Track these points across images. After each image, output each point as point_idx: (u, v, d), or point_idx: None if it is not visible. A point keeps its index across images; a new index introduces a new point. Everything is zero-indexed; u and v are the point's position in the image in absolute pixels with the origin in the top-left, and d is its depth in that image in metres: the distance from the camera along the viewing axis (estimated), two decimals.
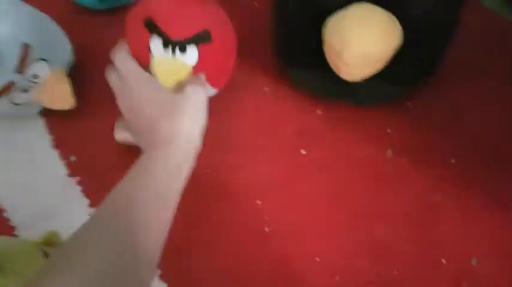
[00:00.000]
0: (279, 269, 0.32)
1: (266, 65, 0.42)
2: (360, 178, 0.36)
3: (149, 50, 0.30)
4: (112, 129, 0.37)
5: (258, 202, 0.35)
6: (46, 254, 0.27)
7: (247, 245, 0.33)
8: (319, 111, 0.40)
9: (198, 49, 0.30)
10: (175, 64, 0.30)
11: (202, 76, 0.32)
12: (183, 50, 0.30)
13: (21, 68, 0.33)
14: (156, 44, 0.30)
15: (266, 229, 0.34)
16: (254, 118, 0.40)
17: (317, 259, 0.32)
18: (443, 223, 0.34)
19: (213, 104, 0.32)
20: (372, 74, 0.31)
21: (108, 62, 0.32)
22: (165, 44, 0.30)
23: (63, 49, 0.38)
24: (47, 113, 0.40)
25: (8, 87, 0.33)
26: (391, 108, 0.39)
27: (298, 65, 0.36)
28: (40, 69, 0.34)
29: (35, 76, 0.34)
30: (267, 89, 0.42)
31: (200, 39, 0.30)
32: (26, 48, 0.34)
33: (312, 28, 0.32)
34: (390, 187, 0.36)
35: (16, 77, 0.34)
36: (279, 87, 0.42)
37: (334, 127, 0.39)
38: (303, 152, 0.38)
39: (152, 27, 0.30)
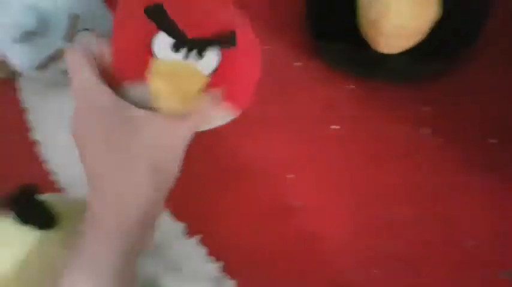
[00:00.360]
0: (305, 245, 0.33)
1: (297, 41, 0.42)
2: (390, 156, 0.36)
3: (148, 50, 0.21)
4: None
5: (288, 175, 0.36)
6: None
7: (274, 220, 0.34)
8: (351, 86, 0.40)
9: (220, 54, 0.23)
10: (186, 71, 0.22)
11: (219, 93, 0.23)
12: (201, 53, 0.22)
13: (69, 37, 0.35)
14: (162, 41, 0.21)
15: (296, 204, 0.35)
16: (283, 92, 0.41)
17: (342, 237, 0.33)
18: (471, 204, 0.33)
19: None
20: (408, 47, 0.31)
21: None
22: (179, 43, 0.21)
23: (105, 21, 0.40)
24: None
25: (58, 55, 0.35)
26: (426, 85, 0.38)
27: (330, 39, 0.37)
28: None
29: None
30: (297, 64, 0.43)
31: (225, 41, 0.23)
32: (74, 19, 0.36)
33: (345, 3, 0.32)
34: (421, 165, 0.35)
35: (65, 45, 0.36)
36: (311, 62, 0.41)
37: (366, 103, 0.39)
38: (334, 127, 0.38)
39: (160, 18, 0.21)
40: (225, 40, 0.23)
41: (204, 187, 0.37)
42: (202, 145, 0.34)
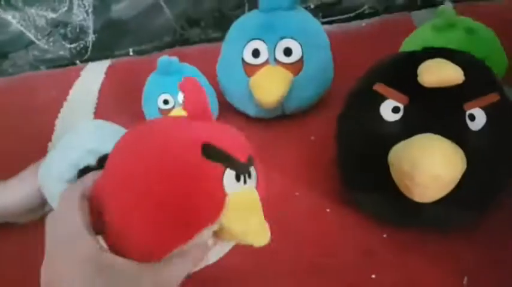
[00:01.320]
0: None
1: (326, 190, 0.45)
2: None
3: (221, 188, 0.21)
4: None
5: None
6: None
7: None
8: (384, 235, 0.40)
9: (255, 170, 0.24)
10: (252, 195, 0.23)
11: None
12: (250, 174, 0.23)
13: None
14: (230, 176, 0.22)
15: None
16: (316, 240, 0.41)
17: None
18: None
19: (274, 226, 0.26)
20: (442, 196, 0.33)
21: None
22: (240, 173, 0.22)
23: None
24: None
25: None
26: (461, 232, 0.38)
27: (362, 189, 0.38)
28: None
29: None
30: (328, 210, 0.44)
31: (253, 160, 0.24)
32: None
33: (376, 155, 0.35)
34: None
35: None
36: (342, 209, 0.43)
37: (401, 252, 0.38)
38: (373, 276, 0.37)
39: (220, 155, 0.21)
40: (253, 159, 0.24)
41: None
42: None
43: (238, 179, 0.22)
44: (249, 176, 0.23)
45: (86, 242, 0.20)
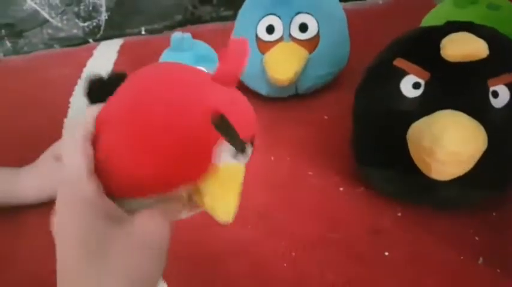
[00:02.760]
0: None
1: (340, 169, 0.44)
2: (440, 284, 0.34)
3: (212, 156, 0.21)
4: None
5: None
6: None
7: None
8: (398, 214, 0.40)
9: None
10: (237, 173, 0.22)
11: None
12: (245, 152, 0.23)
13: None
14: (226, 149, 0.22)
15: None
16: (328, 217, 0.40)
17: None
18: None
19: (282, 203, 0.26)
20: (460, 174, 0.32)
21: None
22: (237, 150, 0.22)
23: None
24: None
25: None
26: (476, 212, 0.38)
27: (378, 167, 0.38)
28: None
29: None
30: (341, 189, 0.43)
31: (254, 139, 0.24)
32: None
33: (393, 132, 0.35)
34: None
35: None
36: (355, 188, 0.42)
37: (414, 230, 0.38)
38: (386, 253, 0.37)
39: (227, 129, 0.21)
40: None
41: None
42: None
43: (233, 155, 0.22)
44: (244, 153, 0.23)
45: (85, 186, 0.20)
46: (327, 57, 0.49)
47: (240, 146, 0.22)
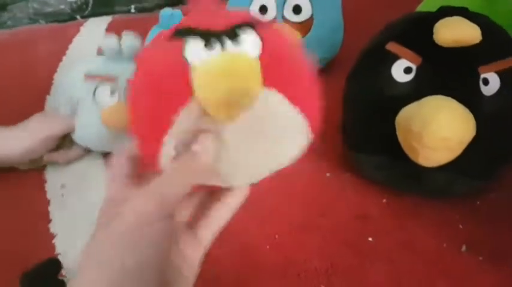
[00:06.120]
0: None
1: (328, 155, 0.44)
2: (426, 273, 0.34)
3: (184, 63, 0.19)
4: None
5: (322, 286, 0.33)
6: None
7: None
8: (384, 200, 0.40)
9: (258, 34, 0.20)
10: (232, 59, 0.19)
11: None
12: (233, 37, 0.20)
13: None
14: (193, 47, 0.20)
15: None
16: (314, 203, 0.40)
17: None
18: None
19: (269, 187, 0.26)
20: (447, 161, 0.32)
21: None
22: (208, 40, 0.20)
23: None
24: None
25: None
26: (463, 201, 0.38)
27: (367, 152, 0.38)
28: None
29: None
30: (329, 174, 0.43)
31: (245, 26, 0.20)
32: None
33: (384, 117, 0.34)
34: (456, 284, 0.33)
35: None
36: (342, 174, 0.42)
37: (400, 217, 0.38)
38: (370, 239, 0.37)
39: (184, 31, 0.20)
40: (254, 23, 0.21)
41: None
42: None
43: (209, 43, 0.20)
44: (232, 37, 0.20)
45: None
46: (320, 41, 0.48)
47: (209, 36, 0.20)
